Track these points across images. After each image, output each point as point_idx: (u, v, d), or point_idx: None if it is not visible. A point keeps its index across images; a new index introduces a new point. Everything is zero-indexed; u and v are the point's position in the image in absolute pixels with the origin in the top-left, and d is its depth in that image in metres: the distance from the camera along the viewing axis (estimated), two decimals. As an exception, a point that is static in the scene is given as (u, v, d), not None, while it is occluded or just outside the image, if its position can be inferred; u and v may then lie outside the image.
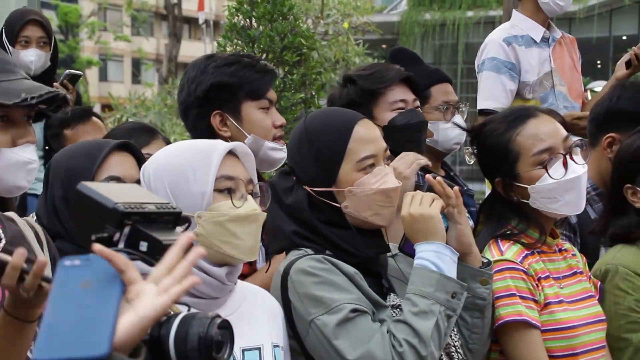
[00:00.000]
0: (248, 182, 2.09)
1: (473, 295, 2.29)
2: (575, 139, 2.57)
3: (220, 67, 2.86)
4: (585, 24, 24.16)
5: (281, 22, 4.88)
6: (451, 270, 2.21)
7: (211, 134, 2.85)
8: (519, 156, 2.49)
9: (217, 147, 2.07)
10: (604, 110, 3.18)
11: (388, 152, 2.35)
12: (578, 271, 2.63)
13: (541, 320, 2.42)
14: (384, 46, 26.44)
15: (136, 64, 44.63)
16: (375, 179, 2.27)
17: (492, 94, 3.88)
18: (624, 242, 2.71)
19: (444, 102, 3.51)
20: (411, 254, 2.30)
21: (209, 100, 2.85)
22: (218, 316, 1.42)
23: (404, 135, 3.05)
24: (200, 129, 2.87)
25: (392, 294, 2.29)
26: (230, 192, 2.05)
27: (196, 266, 1.97)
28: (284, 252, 2.32)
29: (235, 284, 2.13)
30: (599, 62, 26.58)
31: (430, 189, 2.32)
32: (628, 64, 4.02)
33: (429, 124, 3.33)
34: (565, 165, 2.46)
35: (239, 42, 4.98)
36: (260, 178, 2.87)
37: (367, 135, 2.30)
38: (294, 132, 2.39)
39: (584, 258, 2.71)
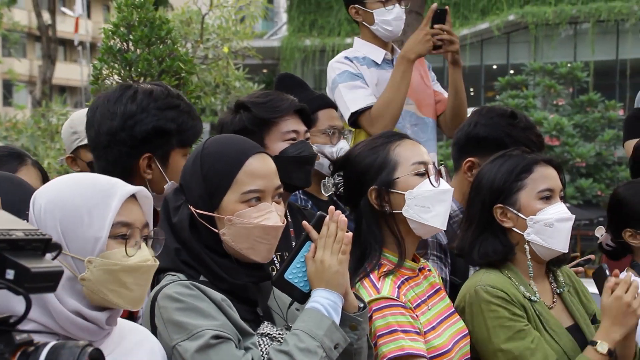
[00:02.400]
0: (144, 227, 2.02)
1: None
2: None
3: (163, 110, 2.75)
4: (458, 53, 25.06)
5: (159, 46, 4.83)
6: (338, 322, 2.24)
7: (129, 173, 2.74)
8: (398, 164, 2.60)
9: (118, 189, 1.97)
10: (464, 136, 3.31)
11: (280, 190, 2.34)
12: (438, 287, 2.72)
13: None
14: (265, 71, 26.60)
15: (7, 86, 43.11)
16: (258, 214, 2.26)
17: (358, 95, 3.89)
18: (488, 265, 2.82)
19: (330, 126, 3.56)
20: None
21: (145, 142, 2.73)
22: (90, 345, 1.39)
23: (293, 167, 3.04)
24: (122, 167, 2.73)
25: (266, 322, 2.28)
26: (124, 238, 1.96)
27: (74, 311, 1.89)
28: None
29: (113, 326, 2.04)
30: (471, 89, 27.60)
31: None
32: None
33: (315, 147, 3.36)
34: (437, 178, 2.60)
35: (116, 65, 4.90)
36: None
37: (258, 170, 2.29)
38: (192, 152, 2.38)
39: (435, 269, 2.82)
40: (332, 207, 2.33)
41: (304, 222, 2.34)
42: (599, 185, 21.18)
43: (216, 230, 2.26)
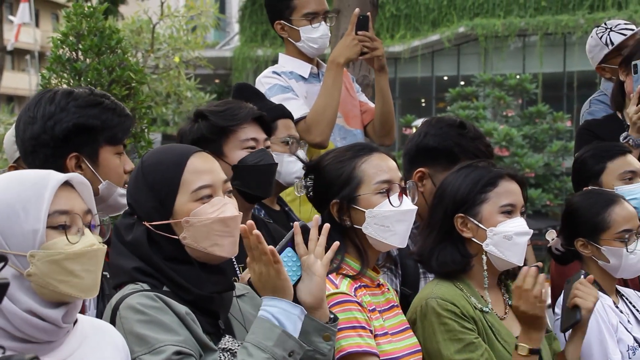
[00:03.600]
0: (86, 214, 1.98)
1: (314, 350, 2.27)
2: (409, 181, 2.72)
3: (84, 108, 2.72)
4: (409, 65, 25.28)
5: (109, 56, 4.78)
6: (295, 329, 2.20)
7: None
8: (362, 181, 2.61)
9: (50, 179, 1.95)
10: (414, 146, 3.34)
11: (229, 185, 2.34)
12: (395, 304, 2.75)
13: None
14: (217, 81, 26.49)
15: (-47, 95, 42.29)
16: (213, 209, 2.25)
17: (291, 107, 3.84)
18: (444, 275, 2.84)
19: (289, 135, 3.56)
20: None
21: (67, 141, 2.70)
22: (36, 358, 1.36)
23: (253, 175, 3.03)
24: (50, 169, 2.71)
25: (227, 336, 2.26)
26: (65, 228, 1.93)
27: (27, 310, 1.86)
28: None
29: (74, 323, 2.00)
30: (423, 100, 27.84)
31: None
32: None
33: (274, 156, 3.39)
34: (400, 197, 2.62)
35: (65, 74, 4.83)
36: None
37: (202, 166, 2.29)
38: (133, 170, 2.37)
39: (396, 293, 2.84)
40: (242, 226, 2.25)
41: (296, 223, 2.31)
42: (547, 196, 21.48)
43: (176, 237, 2.24)
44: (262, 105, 3.44)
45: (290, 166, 3.51)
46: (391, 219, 2.59)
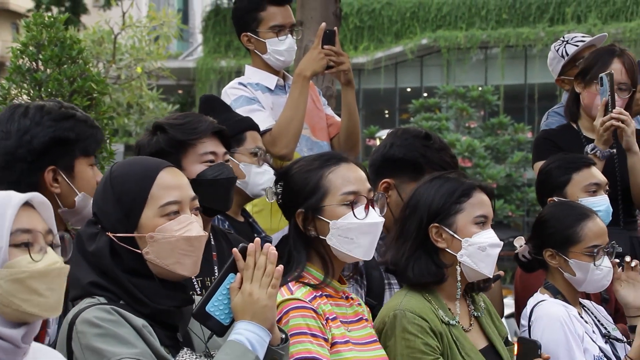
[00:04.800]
0: (47, 233, 1.97)
1: None
2: (378, 193, 2.71)
3: (58, 121, 2.72)
4: (373, 76, 25.44)
5: (70, 66, 4.73)
6: (262, 357, 2.19)
7: (35, 189, 2.65)
8: (328, 192, 2.59)
9: (11, 199, 1.94)
10: (379, 157, 3.35)
11: (196, 202, 2.32)
12: (363, 318, 2.72)
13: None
14: (180, 92, 26.39)
15: None
16: (179, 226, 2.23)
17: (257, 119, 3.81)
18: (413, 286, 2.84)
19: (257, 147, 3.55)
20: None
21: (44, 154, 2.70)
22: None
23: (212, 189, 3.01)
24: (26, 184, 2.64)
25: (185, 349, 2.24)
26: (27, 246, 1.91)
27: None
28: None
29: (29, 345, 1.97)
30: (386, 111, 28.00)
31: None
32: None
33: (241, 166, 3.37)
34: (367, 209, 2.58)
35: (25, 85, 4.77)
36: (65, 229, 2.77)
37: (171, 182, 2.27)
38: (100, 180, 2.35)
39: (368, 308, 2.82)
40: (257, 239, 2.26)
41: (235, 249, 2.26)
42: (509, 206, 21.71)
43: (138, 251, 2.21)
44: (229, 117, 3.45)
45: (258, 177, 3.50)
46: (355, 232, 2.57)
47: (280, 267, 2.25)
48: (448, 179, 2.87)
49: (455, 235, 2.79)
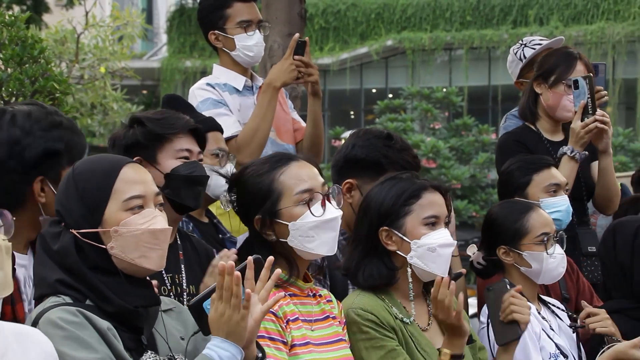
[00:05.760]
0: None
1: None
2: (333, 186, 2.71)
3: (48, 131, 2.67)
4: (338, 77, 25.46)
5: (31, 65, 4.69)
6: None
7: (22, 199, 2.63)
8: (281, 194, 2.59)
9: None
10: (342, 158, 3.37)
11: (160, 198, 2.32)
12: (331, 316, 2.73)
13: None
14: (144, 92, 26.19)
15: None
16: (144, 220, 2.24)
17: (223, 123, 3.81)
18: (368, 288, 2.85)
19: (218, 148, 3.56)
20: None
21: (36, 166, 2.65)
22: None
23: (184, 186, 3.03)
24: (15, 195, 2.62)
25: (149, 352, 2.23)
26: None
27: None
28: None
29: None
30: (352, 112, 28.03)
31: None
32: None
33: (206, 167, 3.37)
34: (323, 205, 2.60)
35: (-15, 84, 4.71)
36: None
37: (135, 177, 2.28)
38: (63, 178, 2.35)
39: (340, 305, 2.82)
40: (250, 259, 2.23)
41: (250, 257, 2.23)
42: (473, 207, 21.85)
43: (103, 247, 2.20)
44: (192, 117, 3.43)
45: (220, 179, 3.49)
46: (315, 229, 2.58)
47: (248, 290, 2.18)
48: (399, 180, 2.88)
49: (404, 238, 2.80)
